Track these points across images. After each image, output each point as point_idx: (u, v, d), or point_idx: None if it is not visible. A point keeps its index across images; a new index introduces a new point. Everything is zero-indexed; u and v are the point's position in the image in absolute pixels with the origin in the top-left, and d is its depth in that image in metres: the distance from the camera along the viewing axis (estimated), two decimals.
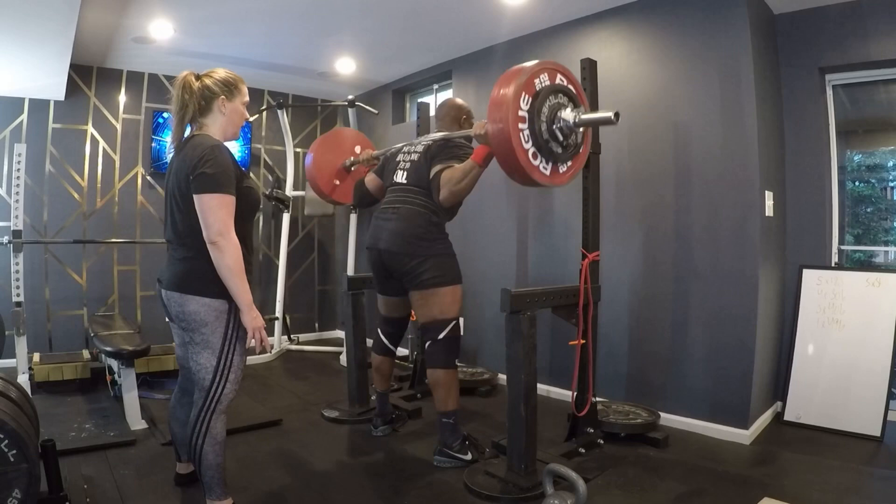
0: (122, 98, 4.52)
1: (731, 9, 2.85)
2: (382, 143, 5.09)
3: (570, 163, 2.22)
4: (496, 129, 1.97)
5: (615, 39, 3.35)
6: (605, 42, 3.38)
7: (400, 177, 2.62)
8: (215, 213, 1.71)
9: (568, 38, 3.57)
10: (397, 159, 2.69)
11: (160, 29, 3.62)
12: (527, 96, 2.01)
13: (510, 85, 1.98)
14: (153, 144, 4.59)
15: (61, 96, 4.18)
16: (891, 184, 3.44)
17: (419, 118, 3.72)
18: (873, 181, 3.42)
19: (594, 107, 2.67)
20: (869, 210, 3.46)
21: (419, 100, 4.39)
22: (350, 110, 4.65)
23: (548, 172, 2.12)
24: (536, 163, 2.06)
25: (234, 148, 4.80)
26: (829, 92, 3.16)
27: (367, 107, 4.54)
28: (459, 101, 2.82)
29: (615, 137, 3.14)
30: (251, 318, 1.78)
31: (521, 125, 1.99)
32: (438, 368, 2.48)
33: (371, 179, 2.85)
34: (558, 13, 3.48)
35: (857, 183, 3.43)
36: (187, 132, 1.90)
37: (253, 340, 1.80)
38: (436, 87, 4.84)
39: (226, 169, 1.76)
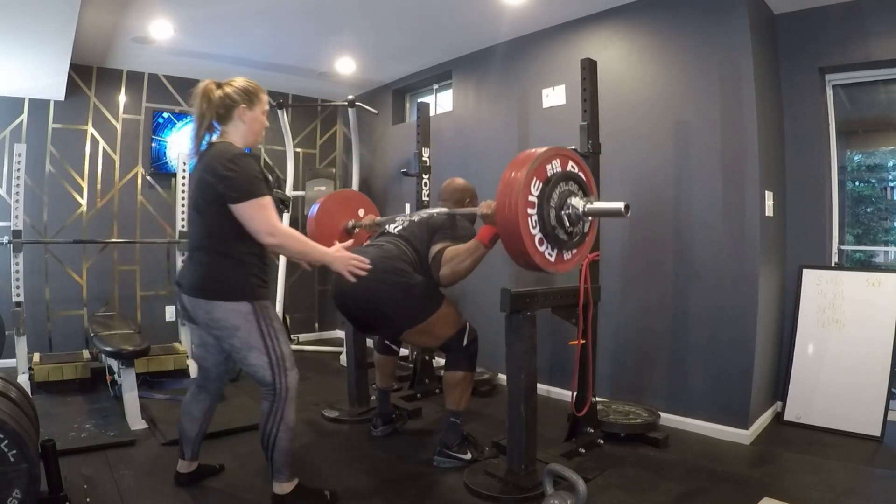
0: (122, 98, 4.52)
1: (731, 9, 2.85)
2: (382, 143, 5.10)
3: (574, 251, 2.22)
4: (504, 212, 1.97)
5: (615, 39, 3.35)
6: (605, 42, 3.38)
7: (392, 229, 2.57)
8: (256, 217, 1.80)
9: (568, 38, 3.57)
10: (395, 219, 2.68)
11: (160, 29, 3.62)
12: (538, 182, 2.01)
13: (522, 169, 1.97)
14: (153, 144, 4.59)
15: (61, 96, 4.18)
16: (891, 184, 3.44)
17: (419, 118, 3.73)
18: (873, 181, 3.42)
19: (594, 107, 2.68)
20: (869, 210, 3.46)
21: (419, 100, 4.39)
22: (350, 110, 4.65)
23: (552, 259, 2.11)
24: (542, 249, 2.06)
25: None
26: (829, 92, 3.16)
27: (367, 107, 4.54)
28: (464, 181, 2.81)
29: (615, 137, 3.14)
30: (338, 260, 1.95)
31: (529, 210, 1.99)
32: (459, 371, 2.48)
33: None
34: (558, 13, 3.48)
35: (857, 183, 3.43)
36: (206, 139, 1.95)
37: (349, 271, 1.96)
38: (436, 87, 4.84)
39: (253, 175, 1.82)
